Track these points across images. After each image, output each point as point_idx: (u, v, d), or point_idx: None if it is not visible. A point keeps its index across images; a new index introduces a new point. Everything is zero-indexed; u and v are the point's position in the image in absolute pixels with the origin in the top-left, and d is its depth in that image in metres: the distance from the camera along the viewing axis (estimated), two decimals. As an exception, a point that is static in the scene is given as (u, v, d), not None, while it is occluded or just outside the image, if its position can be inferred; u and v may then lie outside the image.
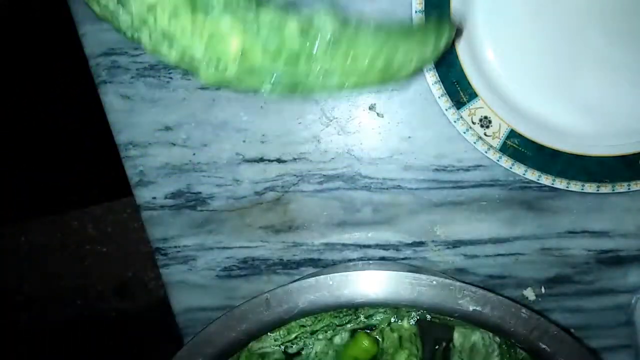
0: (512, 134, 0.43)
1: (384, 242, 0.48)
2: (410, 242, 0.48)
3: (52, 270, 1.19)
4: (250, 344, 0.40)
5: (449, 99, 0.42)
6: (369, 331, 0.44)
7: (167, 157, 0.47)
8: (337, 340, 0.44)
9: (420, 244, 0.48)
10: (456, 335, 0.45)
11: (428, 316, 0.42)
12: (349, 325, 0.42)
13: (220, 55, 0.26)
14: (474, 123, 0.42)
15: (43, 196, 1.13)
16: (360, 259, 0.48)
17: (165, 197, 0.47)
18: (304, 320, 0.40)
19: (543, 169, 0.43)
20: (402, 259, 0.48)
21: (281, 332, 0.40)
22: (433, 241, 0.48)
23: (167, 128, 0.46)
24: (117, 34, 0.27)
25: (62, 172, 1.09)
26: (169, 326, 0.52)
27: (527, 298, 0.49)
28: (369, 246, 0.48)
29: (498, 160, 0.43)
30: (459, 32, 0.34)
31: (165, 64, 0.44)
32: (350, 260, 0.48)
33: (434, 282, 0.35)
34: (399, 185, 0.46)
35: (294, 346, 0.42)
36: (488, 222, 0.46)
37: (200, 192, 0.47)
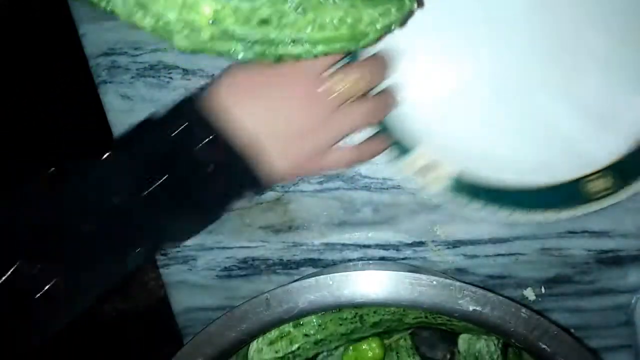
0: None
1: (384, 242, 0.48)
2: (410, 242, 0.48)
3: (52, 270, 1.19)
4: (250, 356, 0.40)
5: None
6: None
7: (167, 157, 0.47)
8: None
9: (420, 244, 0.48)
10: (460, 342, 0.45)
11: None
12: (354, 335, 0.42)
13: (194, 20, 0.26)
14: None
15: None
16: (360, 259, 0.48)
17: (165, 197, 0.47)
18: (307, 329, 0.40)
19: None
20: (402, 259, 0.48)
21: (283, 343, 0.40)
22: (433, 241, 0.48)
23: (167, 128, 0.46)
24: (89, 3, 0.27)
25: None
26: (169, 326, 0.52)
27: (527, 298, 0.49)
28: (369, 246, 0.48)
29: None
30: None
31: (165, 64, 0.44)
32: (350, 260, 0.48)
33: (434, 282, 0.35)
34: (398, 185, 0.46)
35: (296, 358, 0.42)
36: (488, 222, 0.46)
37: (200, 192, 0.47)
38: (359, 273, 0.36)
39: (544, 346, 0.35)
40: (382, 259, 0.48)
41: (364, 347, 0.44)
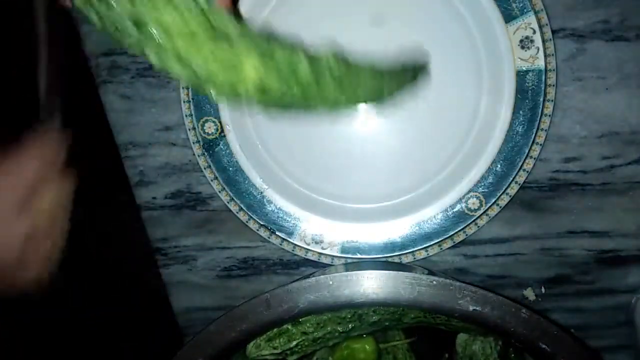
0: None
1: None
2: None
3: (52, 270, 1.19)
4: (249, 351, 0.40)
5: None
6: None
7: (167, 157, 0.47)
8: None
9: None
10: (458, 342, 0.45)
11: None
12: (353, 333, 0.42)
13: (236, 80, 0.27)
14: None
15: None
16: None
17: (165, 197, 0.47)
18: (306, 327, 0.40)
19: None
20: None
21: (281, 340, 0.40)
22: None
23: (167, 128, 0.46)
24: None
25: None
26: (169, 326, 0.52)
27: (527, 298, 0.49)
28: (369, 246, 0.48)
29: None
30: (426, 71, 0.41)
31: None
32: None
33: (434, 282, 0.35)
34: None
35: (294, 355, 0.42)
36: (488, 222, 0.46)
37: (200, 192, 0.47)
38: (359, 273, 0.35)
39: (544, 346, 0.35)
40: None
41: (356, 346, 0.44)
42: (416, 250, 0.46)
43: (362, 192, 0.46)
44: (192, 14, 0.27)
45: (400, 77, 0.36)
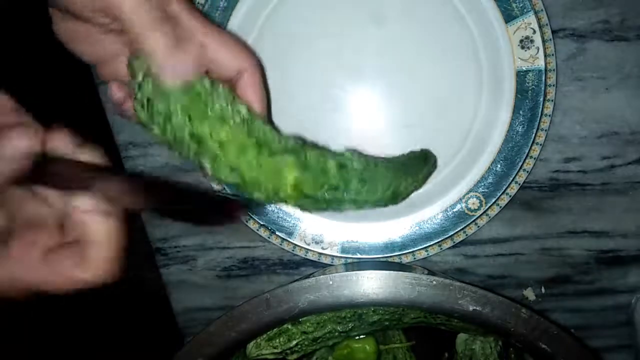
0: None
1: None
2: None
3: (52, 270, 1.19)
4: (249, 351, 0.40)
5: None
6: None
7: (167, 157, 0.46)
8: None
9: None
10: (458, 342, 0.45)
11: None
12: (353, 333, 0.42)
13: (278, 185, 0.31)
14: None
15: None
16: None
17: (165, 197, 0.47)
18: (306, 326, 0.40)
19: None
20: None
21: (281, 339, 0.40)
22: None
23: (167, 128, 0.46)
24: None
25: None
26: (169, 326, 0.52)
27: (527, 298, 0.49)
28: (369, 246, 0.48)
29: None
30: (435, 163, 0.43)
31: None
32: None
33: (434, 282, 0.35)
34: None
35: (294, 354, 0.42)
36: (488, 222, 0.46)
37: (200, 192, 0.47)
38: (359, 273, 0.35)
39: (544, 346, 0.35)
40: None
41: (356, 346, 0.44)
42: (416, 250, 0.46)
43: (362, 192, 0.46)
44: (240, 127, 0.30)
45: (412, 171, 0.39)
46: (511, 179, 0.44)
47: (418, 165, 0.40)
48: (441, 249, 0.45)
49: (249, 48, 0.32)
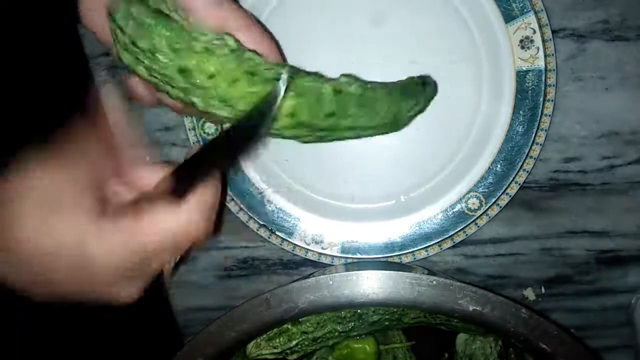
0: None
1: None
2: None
3: (52, 270, 1.19)
4: (249, 351, 0.40)
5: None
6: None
7: (167, 157, 0.46)
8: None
9: (420, 244, 0.48)
10: (458, 342, 0.45)
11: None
12: (353, 333, 0.42)
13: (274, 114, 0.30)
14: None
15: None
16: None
17: (165, 197, 0.47)
18: (306, 326, 0.40)
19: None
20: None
21: (281, 339, 0.40)
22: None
23: (167, 128, 0.46)
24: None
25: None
26: (169, 326, 0.52)
27: (527, 298, 0.49)
28: (369, 246, 0.48)
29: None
30: (436, 86, 0.41)
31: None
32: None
33: (434, 282, 0.35)
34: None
35: (294, 354, 0.42)
36: (488, 222, 0.46)
37: (200, 192, 0.47)
38: (359, 273, 0.35)
39: (544, 346, 0.35)
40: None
41: (356, 346, 0.44)
42: (416, 250, 0.46)
43: (362, 192, 0.46)
44: (229, 57, 0.29)
45: (412, 93, 0.37)
46: (511, 179, 0.44)
47: (417, 88, 0.38)
48: (441, 249, 0.45)
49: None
